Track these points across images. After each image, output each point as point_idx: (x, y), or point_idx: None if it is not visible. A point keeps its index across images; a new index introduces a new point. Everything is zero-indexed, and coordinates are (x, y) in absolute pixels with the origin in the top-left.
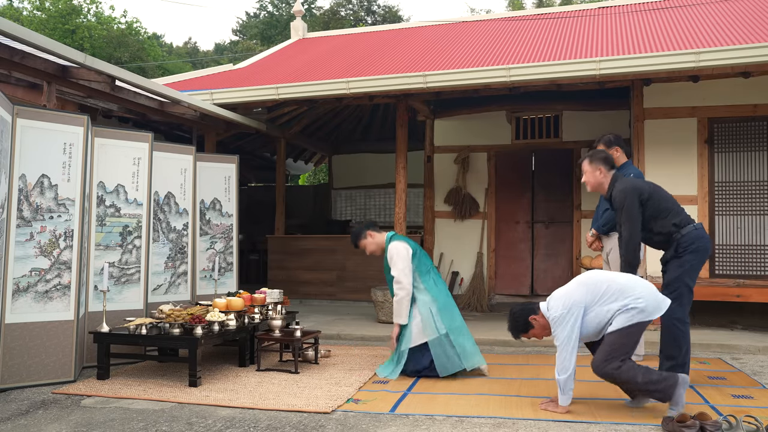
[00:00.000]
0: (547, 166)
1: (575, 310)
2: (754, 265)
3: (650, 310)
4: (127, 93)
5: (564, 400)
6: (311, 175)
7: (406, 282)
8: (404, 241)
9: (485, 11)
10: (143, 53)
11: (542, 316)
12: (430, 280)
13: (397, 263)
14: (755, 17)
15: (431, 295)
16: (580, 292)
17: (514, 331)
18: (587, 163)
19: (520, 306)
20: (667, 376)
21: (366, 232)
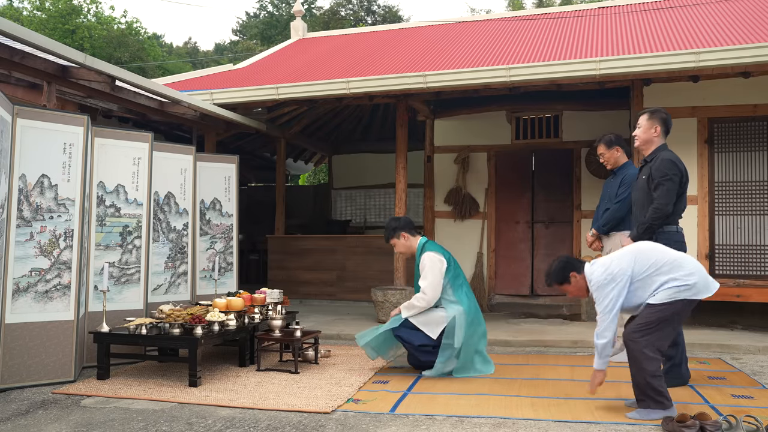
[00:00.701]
0: (547, 166)
1: (620, 278)
2: (754, 265)
3: (699, 288)
4: (127, 93)
5: (600, 363)
6: (311, 175)
7: (431, 297)
8: (439, 252)
9: (485, 11)
10: (143, 53)
11: (583, 278)
12: (463, 294)
13: (428, 276)
14: (755, 17)
15: (463, 308)
16: (627, 260)
17: (551, 278)
18: (646, 118)
19: (568, 258)
20: (667, 398)
21: (400, 233)
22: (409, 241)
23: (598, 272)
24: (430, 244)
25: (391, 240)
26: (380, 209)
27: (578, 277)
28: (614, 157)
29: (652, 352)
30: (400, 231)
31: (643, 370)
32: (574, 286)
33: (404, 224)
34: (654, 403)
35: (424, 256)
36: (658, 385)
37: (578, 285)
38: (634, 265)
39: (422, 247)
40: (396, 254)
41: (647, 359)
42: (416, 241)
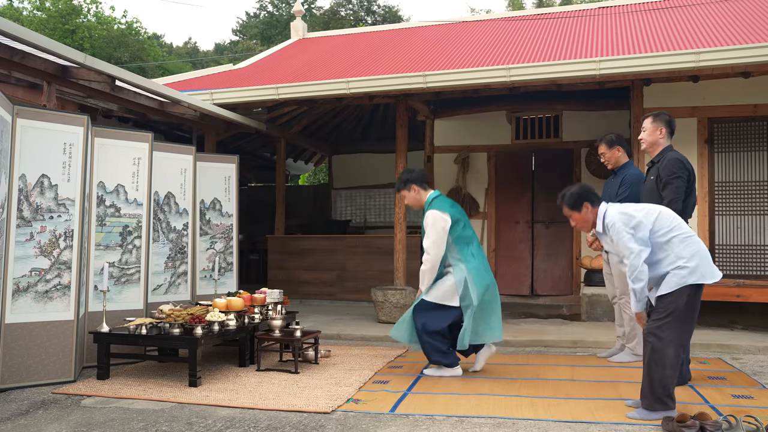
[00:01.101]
0: (547, 166)
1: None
2: (754, 265)
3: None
4: (127, 93)
5: (637, 306)
6: (311, 175)
7: (434, 255)
8: (444, 209)
9: (485, 11)
10: (143, 53)
11: (594, 213)
12: (468, 252)
13: (431, 234)
14: (755, 17)
15: (467, 267)
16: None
17: (564, 200)
18: (650, 121)
19: (587, 187)
20: (673, 400)
21: (411, 185)
22: (419, 195)
23: (613, 213)
24: (438, 200)
25: (402, 191)
26: (380, 209)
27: (590, 209)
28: (615, 157)
29: (676, 349)
30: (411, 183)
31: (666, 363)
32: (582, 216)
33: (416, 177)
34: (659, 404)
35: (428, 214)
36: (669, 386)
37: (586, 217)
38: (656, 220)
39: (429, 203)
40: (396, 254)
41: (672, 353)
42: (426, 195)
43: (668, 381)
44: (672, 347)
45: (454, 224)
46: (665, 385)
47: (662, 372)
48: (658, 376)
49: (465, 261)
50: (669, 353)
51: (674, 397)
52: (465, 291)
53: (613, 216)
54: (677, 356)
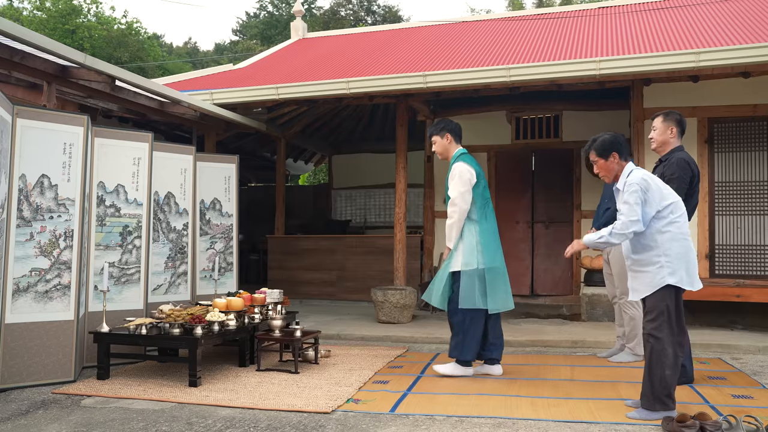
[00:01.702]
0: (547, 166)
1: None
2: (754, 265)
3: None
4: (127, 93)
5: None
6: (311, 175)
7: (463, 206)
8: (472, 165)
9: (485, 11)
10: (143, 53)
11: (621, 166)
12: (482, 214)
13: (458, 186)
14: (755, 17)
15: (480, 228)
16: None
17: (592, 145)
18: (661, 120)
19: (621, 139)
20: (673, 400)
21: (446, 134)
22: (450, 145)
23: (638, 175)
24: (466, 156)
25: (435, 136)
26: (380, 209)
27: (617, 161)
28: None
29: (674, 349)
30: (446, 132)
31: (666, 363)
32: (607, 165)
33: (453, 128)
34: (659, 404)
35: (455, 165)
36: (670, 386)
37: (610, 167)
38: (668, 206)
39: (458, 156)
40: (396, 254)
41: (670, 356)
42: (455, 148)
43: (669, 381)
44: (670, 347)
45: (477, 182)
46: (666, 385)
47: (662, 372)
48: (658, 377)
49: (479, 221)
50: (668, 353)
51: (674, 397)
52: (471, 253)
53: (636, 177)
54: (676, 356)
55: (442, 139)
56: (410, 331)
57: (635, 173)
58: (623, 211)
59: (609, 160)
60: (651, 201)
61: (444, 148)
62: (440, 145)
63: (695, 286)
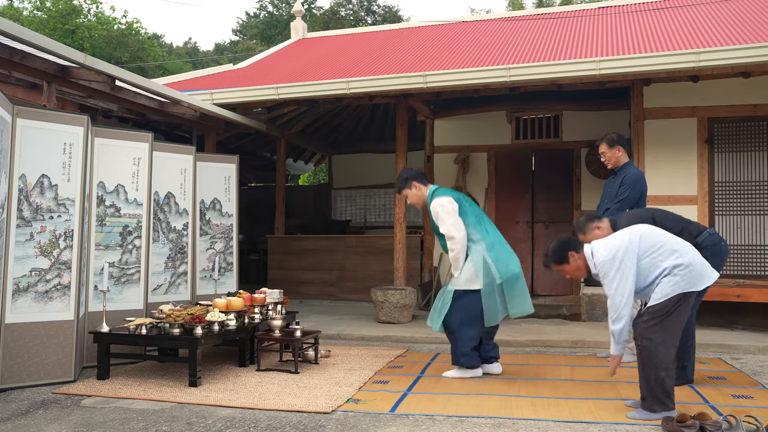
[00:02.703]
0: (547, 166)
1: (627, 259)
2: (754, 265)
3: (694, 279)
4: (127, 93)
5: (617, 349)
6: (311, 175)
7: (459, 236)
8: (446, 195)
9: (485, 11)
10: (143, 53)
11: (582, 257)
12: (482, 229)
13: (445, 220)
14: (755, 17)
15: (485, 244)
16: (633, 241)
17: (548, 259)
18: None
19: (566, 238)
20: (672, 400)
21: (412, 182)
22: (421, 191)
23: (599, 252)
24: (439, 190)
25: (404, 191)
26: (380, 209)
27: (577, 257)
28: (615, 157)
29: (667, 349)
30: (411, 181)
31: (658, 365)
32: (572, 266)
33: (416, 174)
34: (658, 404)
35: (433, 204)
36: (668, 384)
37: (577, 264)
38: (639, 244)
39: (431, 195)
40: (396, 254)
41: (663, 353)
42: (427, 190)
43: (663, 381)
44: (662, 347)
45: (460, 205)
46: (661, 385)
47: (655, 373)
48: (652, 377)
49: (482, 239)
50: (660, 353)
51: (673, 396)
52: (486, 271)
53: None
54: (669, 356)
55: (410, 189)
56: (410, 331)
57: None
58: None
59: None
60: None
61: (417, 197)
62: (412, 196)
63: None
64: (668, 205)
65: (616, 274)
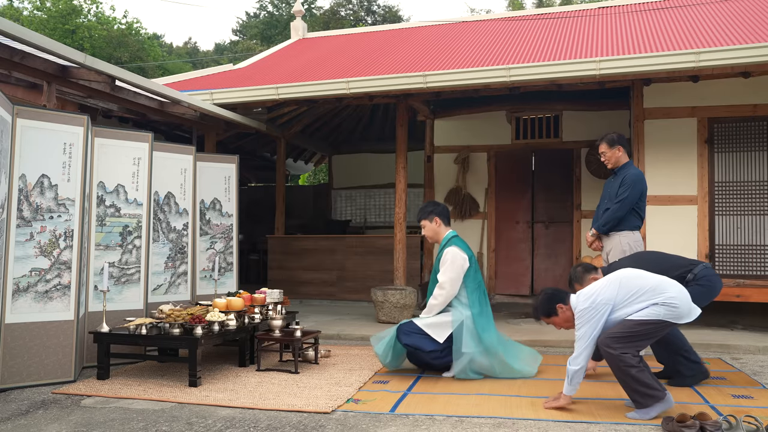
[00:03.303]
0: (547, 166)
1: (602, 308)
2: (754, 265)
3: (681, 312)
4: (127, 93)
5: (569, 390)
6: (311, 175)
7: (450, 292)
8: (464, 250)
9: (485, 11)
10: (143, 53)
11: (570, 309)
12: (476, 299)
13: (448, 271)
14: (755, 17)
15: (471, 312)
16: (611, 290)
17: (537, 312)
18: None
19: (553, 290)
20: (657, 387)
21: (434, 218)
22: (440, 228)
23: (582, 301)
24: (458, 239)
25: (423, 221)
26: (380, 209)
27: (565, 308)
28: (615, 157)
29: (630, 356)
30: (435, 216)
31: (625, 369)
32: (561, 318)
33: (441, 211)
34: (647, 398)
35: (447, 250)
36: (643, 378)
37: (565, 316)
38: (617, 294)
39: (449, 240)
40: (396, 254)
41: (628, 359)
42: (445, 231)
43: (639, 376)
44: (629, 351)
45: (469, 266)
46: (639, 380)
47: (627, 372)
48: (627, 378)
49: (471, 306)
50: (625, 357)
51: (658, 384)
52: (458, 334)
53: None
54: (634, 355)
55: (431, 223)
56: None
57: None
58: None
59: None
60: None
61: (434, 232)
62: (430, 230)
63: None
64: (668, 205)
65: (589, 321)
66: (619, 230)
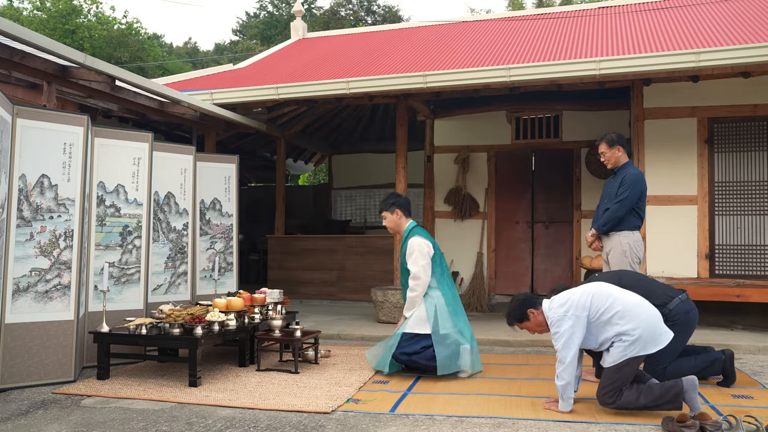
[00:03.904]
0: (547, 166)
1: (576, 312)
2: (754, 265)
3: (645, 342)
4: (127, 93)
5: (564, 405)
6: (311, 175)
7: (425, 279)
8: (426, 238)
9: (485, 11)
10: (143, 53)
11: (541, 313)
12: (444, 283)
13: (418, 260)
14: (755, 17)
15: (442, 295)
16: (584, 298)
17: (510, 318)
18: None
19: (525, 296)
20: (669, 386)
21: (395, 209)
22: (401, 220)
23: (554, 308)
24: (419, 229)
25: (384, 212)
26: None
27: (536, 313)
28: (615, 157)
29: (625, 396)
30: (396, 207)
31: (637, 406)
32: (533, 323)
33: (403, 203)
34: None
35: (411, 241)
36: (653, 394)
37: (537, 321)
38: (591, 303)
39: (410, 230)
40: (396, 254)
41: (629, 402)
42: (406, 222)
43: (650, 398)
44: (622, 396)
45: (434, 253)
46: (655, 399)
47: (641, 405)
48: (647, 408)
49: (440, 289)
50: (627, 401)
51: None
52: (435, 320)
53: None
54: (638, 398)
55: (392, 214)
56: None
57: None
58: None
59: (531, 318)
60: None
61: (395, 223)
62: (391, 221)
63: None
64: (668, 205)
65: (567, 330)
66: (619, 230)
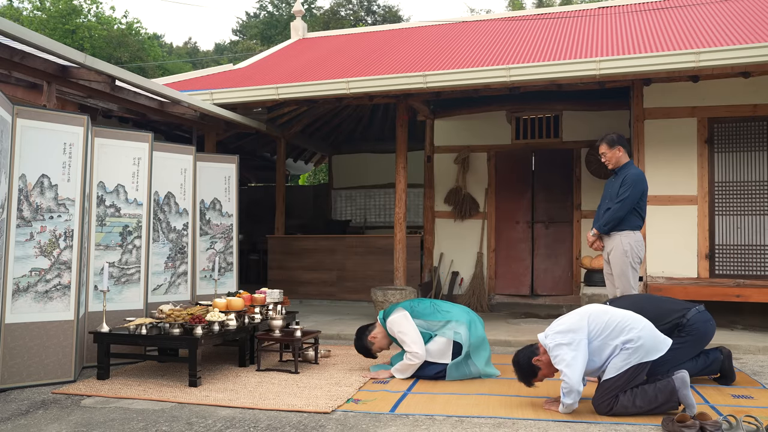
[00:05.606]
0: (547, 166)
1: (575, 335)
2: (754, 265)
3: (647, 349)
4: (127, 93)
5: (564, 410)
6: (311, 175)
7: (421, 353)
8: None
9: (485, 11)
10: (143, 53)
11: (544, 352)
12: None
13: (406, 335)
14: (755, 17)
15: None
16: (582, 322)
17: (524, 379)
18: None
19: (521, 352)
20: (662, 385)
21: (367, 336)
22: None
23: (551, 336)
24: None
25: (365, 346)
26: (380, 209)
27: (540, 356)
28: (616, 157)
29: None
30: (365, 336)
31: (636, 411)
32: (545, 367)
33: (360, 331)
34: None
35: (389, 325)
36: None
37: (545, 362)
38: (588, 325)
39: (383, 320)
40: (396, 254)
41: (625, 407)
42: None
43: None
44: (617, 402)
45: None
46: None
47: (637, 408)
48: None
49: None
50: (625, 402)
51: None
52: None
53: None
54: (627, 396)
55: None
56: None
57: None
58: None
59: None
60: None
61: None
62: (379, 341)
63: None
64: (668, 204)
65: (567, 350)
66: (620, 230)
